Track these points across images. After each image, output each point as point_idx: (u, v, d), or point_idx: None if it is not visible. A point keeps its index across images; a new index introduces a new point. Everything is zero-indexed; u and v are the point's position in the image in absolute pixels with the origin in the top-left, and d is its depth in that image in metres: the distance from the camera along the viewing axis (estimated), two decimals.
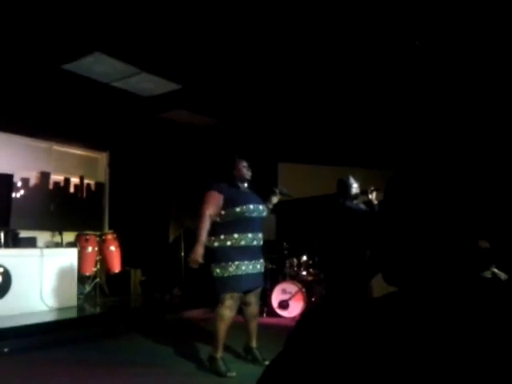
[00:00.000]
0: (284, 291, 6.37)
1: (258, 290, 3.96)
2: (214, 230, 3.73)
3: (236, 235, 3.68)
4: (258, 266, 3.83)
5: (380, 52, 5.07)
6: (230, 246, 3.68)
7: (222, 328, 3.67)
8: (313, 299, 6.47)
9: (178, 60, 5.27)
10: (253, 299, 3.90)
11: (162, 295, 7.35)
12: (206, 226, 3.65)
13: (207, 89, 6.25)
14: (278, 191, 3.97)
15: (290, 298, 6.31)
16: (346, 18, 4.37)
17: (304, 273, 6.72)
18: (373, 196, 4.54)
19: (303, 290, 6.31)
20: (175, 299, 7.28)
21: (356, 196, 4.64)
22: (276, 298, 6.36)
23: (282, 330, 5.57)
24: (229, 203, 3.71)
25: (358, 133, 8.01)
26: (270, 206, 3.94)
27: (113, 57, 5.06)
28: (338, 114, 7.36)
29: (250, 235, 3.72)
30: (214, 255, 3.72)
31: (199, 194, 8.52)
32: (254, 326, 3.95)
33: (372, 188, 4.57)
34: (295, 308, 6.26)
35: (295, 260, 6.79)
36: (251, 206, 3.75)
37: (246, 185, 3.90)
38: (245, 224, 3.71)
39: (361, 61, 5.35)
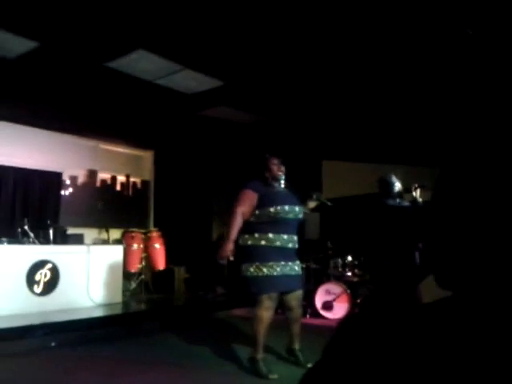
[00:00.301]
0: (328, 292, 6.21)
1: (299, 294, 3.83)
2: (248, 229, 3.63)
3: (271, 235, 3.58)
4: (296, 268, 3.72)
5: (421, 46, 4.86)
6: (264, 246, 3.57)
7: (261, 329, 3.58)
8: (358, 301, 6.28)
9: (220, 56, 5.22)
10: (294, 303, 3.79)
11: (206, 293, 7.35)
12: (237, 223, 3.57)
13: (249, 85, 6.18)
14: (315, 196, 3.84)
15: (334, 299, 6.15)
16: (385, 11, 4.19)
17: (349, 273, 6.53)
18: (417, 193, 4.45)
19: (348, 291, 6.13)
20: (218, 297, 7.26)
21: (399, 194, 4.56)
22: (320, 298, 6.21)
23: (325, 331, 5.42)
24: (264, 203, 3.61)
25: (401, 129, 7.78)
26: (307, 211, 3.82)
27: (156, 54, 5.06)
28: (382, 110, 7.17)
29: (285, 237, 3.61)
30: (247, 253, 3.63)
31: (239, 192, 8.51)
32: (296, 329, 3.83)
33: (416, 185, 4.48)
34: (339, 309, 6.10)
35: (340, 260, 6.61)
36: (286, 207, 3.63)
37: (282, 184, 3.78)
38: (280, 225, 3.60)
39: (403, 57, 5.17)
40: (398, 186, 4.60)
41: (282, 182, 3.78)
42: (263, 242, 3.57)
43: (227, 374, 3.67)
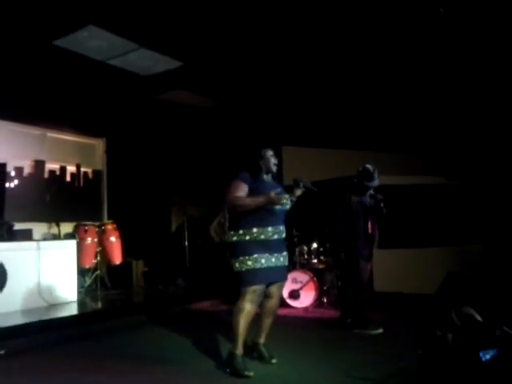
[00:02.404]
0: (294, 280, 6.11)
1: (282, 284, 3.78)
2: (233, 224, 3.57)
3: (255, 229, 3.51)
4: (282, 259, 3.65)
5: (383, 32, 4.81)
6: (248, 240, 3.52)
7: (241, 322, 3.46)
8: (325, 288, 6.21)
9: (179, 35, 4.92)
10: (275, 291, 3.71)
11: (166, 287, 7.11)
12: (245, 198, 3.48)
13: (209, 67, 5.91)
14: (301, 184, 3.70)
15: (301, 288, 6.07)
16: None
17: (315, 261, 6.45)
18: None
19: (314, 278, 6.07)
20: (180, 291, 7.00)
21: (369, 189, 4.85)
22: (286, 287, 6.06)
23: (292, 321, 5.32)
24: (253, 194, 3.53)
25: (363, 115, 7.81)
26: (293, 199, 3.68)
27: (109, 31, 4.69)
28: (343, 96, 7.14)
29: (270, 229, 3.53)
30: (233, 249, 3.57)
31: (202, 179, 8.28)
32: (268, 323, 3.74)
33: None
34: (306, 298, 6.05)
35: (305, 247, 6.50)
36: None
37: (269, 176, 3.72)
38: (266, 217, 3.51)
39: (363, 42, 5.14)
40: (375, 181, 4.81)
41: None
42: (247, 237, 3.52)
43: (202, 374, 3.44)
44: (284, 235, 3.68)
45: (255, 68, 5.99)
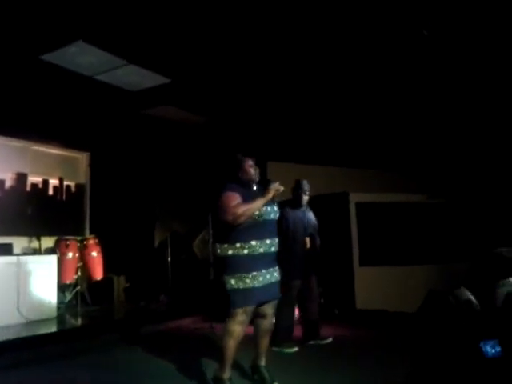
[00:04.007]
0: None
1: (275, 302, 3.56)
2: (227, 237, 3.33)
3: (254, 242, 3.28)
4: (275, 274, 3.44)
5: (368, 51, 4.89)
6: (246, 255, 3.28)
7: (231, 345, 3.29)
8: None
9: (167, 52, 4.93)
10: (269, 311, 3.50)
11: (148, 303, 6.98)
12: (247, 204, 3.24)
13: (197, 84, 5.92)
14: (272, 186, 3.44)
15: None
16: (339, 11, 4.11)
17: None
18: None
19: None
20: (162, 307, 6.90)
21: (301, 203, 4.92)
22: None
23: None
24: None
25: (348, 132, 7.90)
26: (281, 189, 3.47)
27: (97, 46, 4.66)
28: (329, 113, 7.22)
29: (268, 241, 3.34)
30: (228, 264, 3.31)
31: (187, 195, 8.19)
32: (265, 343, 3.56)
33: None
34: None
35: None
36: (268, 208, 3.38)
37: (254, 186, 3.48)
38: (263, 229, 3.33)
39: (349, 61, 5.22)
40: (306, 195, 4.89)
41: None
42: (246, 251, 3.27)
43: None
44: (277, 248, 3.47)
45: (242, 85, 6.02)
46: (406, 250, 7.64)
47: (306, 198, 4.94)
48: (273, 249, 3.39)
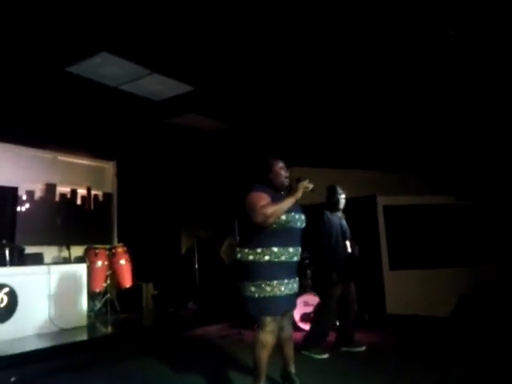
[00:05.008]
0: (306, 303, 6.03)
1: (292, 313, 3.55)
2: (248, 242, 3.22)
3: (276, 249, 3.16)
4: (295, 286, 3.35)
5: (386, 53, 4.82)
6: (267, 262, 3.15)
7: (265, 356, 3.20)
8: None
9: (190, 60, 4.94)
10: (286, 322, 3.47)
11: (177, 310, 7.03)
12: (276, 203, 3.11)
13: (220, 91, 5.93)
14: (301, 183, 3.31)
15: (312, 311, 5.94)
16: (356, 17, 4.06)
17: None
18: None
19: None
20: (190, 314, 6.92)
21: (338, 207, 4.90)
22: (298, 311, 5.99)
23: None
24: None
25: (373, 136, 7.80)
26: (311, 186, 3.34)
27: (121, 57, 4.72)
28: (353, 116, 7.13)
29: (291, 249, 3.22)
30: (248, 270, 3.18)
31: (212, 202, 8.20)
32: (290, 349, 3.52)
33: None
34: None
35: None
36: (296, 215, 3.27)
37: (283, 192, 3.35)
38: (287, 236, 3.21)
39: (369, 64, 5.17)
40: (340, 197, 4.87)
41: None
42: (267, 258, 3.15)
43: None
44: (300, 258, 3.38)
45: (265, 91, 6.00)
46: (435, 253, 7.48)
47: (343, 201, 4.90)
48: (295, 258, 3.27)
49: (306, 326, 5.93)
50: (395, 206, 7.59)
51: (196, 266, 7.43)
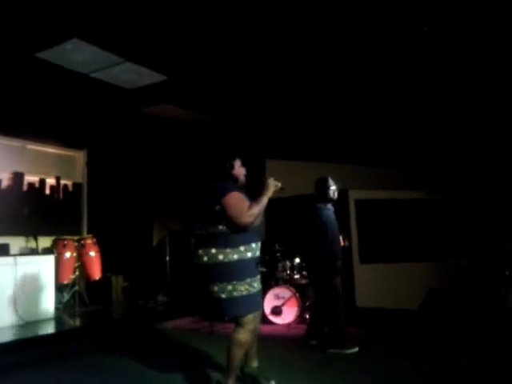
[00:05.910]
0: (277, 296, 6.03)
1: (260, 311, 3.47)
2: (228, 241, 3.07)
3: (254, 245, 3.12)
4: (259, 282, 3.31)
5: (365, 48, 4.84)
6: (250, 258, 3.09)
7: (240, 354, 3.17)
8: (307, 304, 6.15)
9: (164, 48, 4.87)
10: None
11: (147, 302, 6.95)
12: (255, 205, 3.06)
13: (194, 81, 5.87)
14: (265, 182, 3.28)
15: (283, 304, 5.99)
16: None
17: (297, 276, 6.36)
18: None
19: (297, 294, 5.98)
20: (160, 306, 6.86)
21: (331, 199, 4.81)
22: (268, 304, 6.01)
23: (277, 339, 5.22)
24: None
25: (346, 129, 7.86)
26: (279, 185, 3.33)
27: (93, 44, 4.60)
28: (327, 110, 7.17)
29: (253, 245, 3.18)
30: (235, 271, 3.05)
31: (185, 193, 8.15)
32: (255, 346, 3.47)
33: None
34: (289, 314, 5.96)
35: (288, 263, 6.42)
36: None
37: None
38: (256, 232, 3.21)
39: (347, 58, 5.20)
40: (333, 189, 4.80)
41: None
42: (249, 255, 3.08)
43: None
44: None
45: (239, 82, 5.97)
46: (405, 247, 7.62)
47: (336, 194, 4.84)
48: (258, 253, 3.24)
49: (277, 319, 5.97)
50: (366, 200, 7.69)
51: (167, 258, 7.36)
